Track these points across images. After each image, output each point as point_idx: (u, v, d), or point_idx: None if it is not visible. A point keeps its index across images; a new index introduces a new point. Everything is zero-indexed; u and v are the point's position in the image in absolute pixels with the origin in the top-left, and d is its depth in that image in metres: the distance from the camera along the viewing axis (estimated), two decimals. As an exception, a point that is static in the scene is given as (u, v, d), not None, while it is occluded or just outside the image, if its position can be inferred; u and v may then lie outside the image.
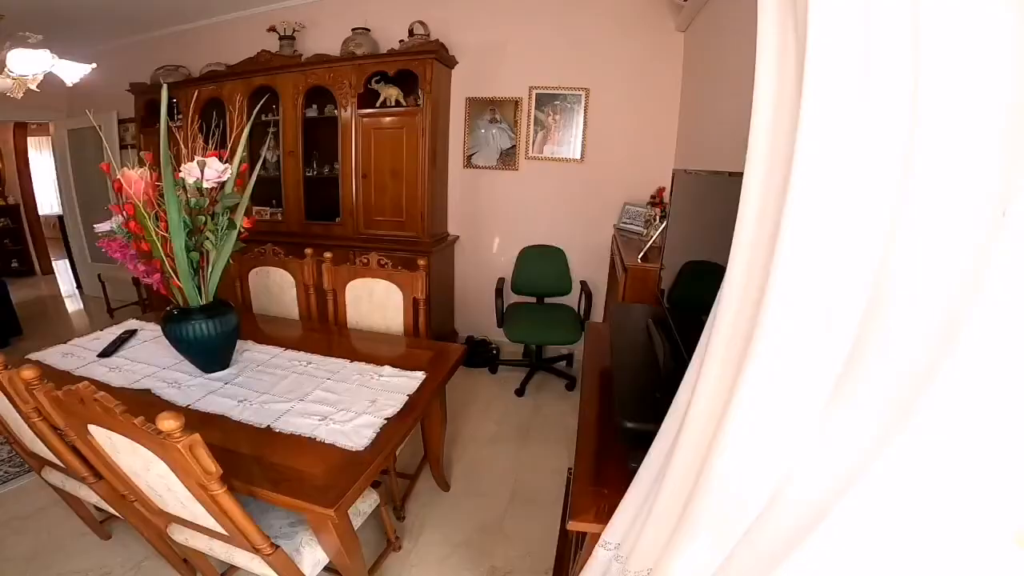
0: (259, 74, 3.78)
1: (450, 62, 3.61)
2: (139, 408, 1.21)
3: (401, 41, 3.53)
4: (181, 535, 1.61)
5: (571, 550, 1.73)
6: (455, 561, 2.08)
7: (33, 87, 2.26)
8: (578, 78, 3.47)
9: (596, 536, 1.08)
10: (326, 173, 3.91)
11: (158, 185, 1.55)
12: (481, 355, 3.71)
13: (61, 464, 1.67)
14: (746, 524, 0.76)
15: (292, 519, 1.61)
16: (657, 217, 2.80)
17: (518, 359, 3.75)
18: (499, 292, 3.39)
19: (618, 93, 3.42)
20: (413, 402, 1.79)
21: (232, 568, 1.85)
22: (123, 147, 4.97)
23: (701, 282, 1.31)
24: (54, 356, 2.07)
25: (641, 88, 3.36)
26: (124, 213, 1.57)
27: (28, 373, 1.34)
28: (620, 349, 1.54)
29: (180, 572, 1.90)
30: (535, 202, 3.77)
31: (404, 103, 3.47)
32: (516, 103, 3.63)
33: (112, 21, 4.19)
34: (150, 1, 3.82)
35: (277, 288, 2.67)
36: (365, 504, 1.73)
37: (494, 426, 3.04)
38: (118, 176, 1.52)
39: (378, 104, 3.51)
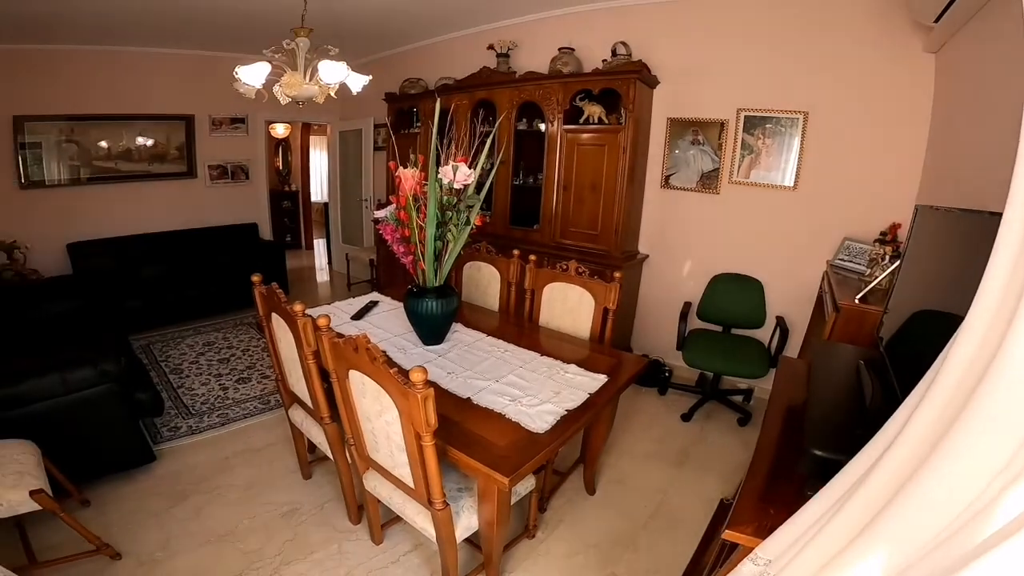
0: (481, 88, 4.29)
1: (652, 82, 3.66)
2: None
3: (604, 60, 3.69)
4: (371, 482, 1.95)
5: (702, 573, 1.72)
6: (580, 560, 2.16)
7: (332, 94, 2.56)
8: (795, 100, 3.24)
9: (747, 551, 1.11)
10: (530, 183, 4.27)
11: (423, 183, 1.94)
12: (653, 375, 3.69)
13: (310, 404, 2.14)
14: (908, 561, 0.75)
15: (460, 485, 1.86)
16: (887, 256, 2.49)
17: (690, 385, 3.66)
18: (684, 316, 3.35)
19: (845, 118, 3.10)
20: (592, 401, 1.93)
21: (393, 519, 2.19)
22: (376, 149, 6.05)
23: (936, 335, 1.23)
24: (317, 312, 2.57)
25: (875, 113, 3.00)
26: (398, 203, 1.99)
27: (324, 321, 1.76)
28: (820, 384, 1.51)
29: (351, 516, 2.31)
30: (735, 229, 3.61)
31: (607, 121, 3.63)
32: (722, 125, 3.52)
33: (368, 39, 5.11)
34: (400, 21, 4.53)
35: (485, 281, 3.05)
36: (523, 486, 1.91)
37: (652, 444, 3.03)
38: (398, 173, 1.93)
39: (581, 120, 3.72)
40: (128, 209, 5.28)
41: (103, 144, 5.05)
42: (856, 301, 2.27)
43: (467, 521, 1.76)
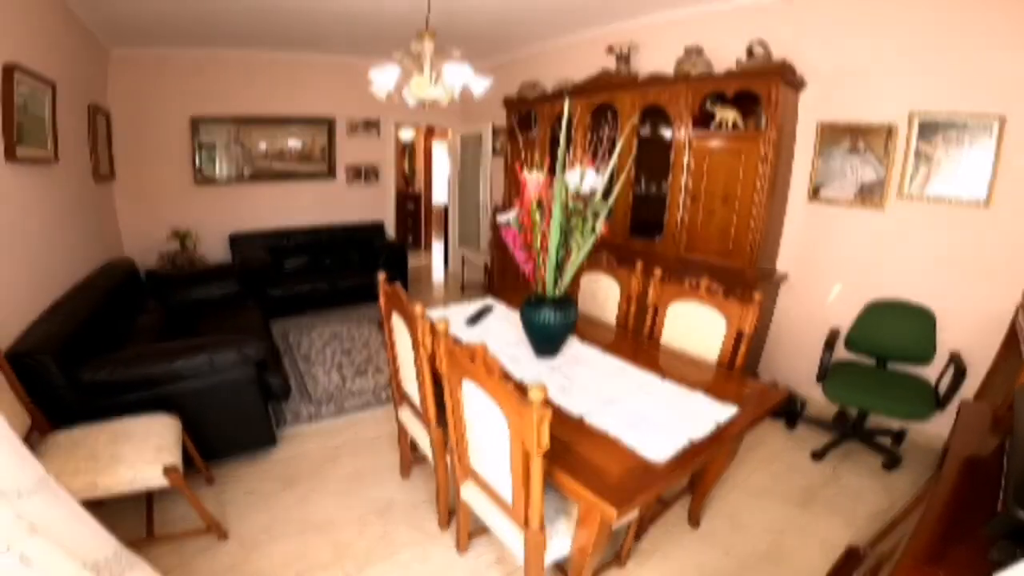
0: (600, 92, 4.13)
1: (797, 84, 3.27)
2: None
3: (738, 61, 3.36)
4: (468, 491, 1.89)
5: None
6: (670, 596, 1.97)
7: (455, 96, 2.56)
8: (987, 102, 2.70)
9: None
10: (653, 192, 4.03)
11: (549, 188, 1.86)
12: (783, 405, 3.29)
13: (418, 405, 2.14)
14: None
15: (557, 506, 1.73)
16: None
17: (826, 420, 3.23)
18: (829, 345, 2.94)
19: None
20: (720, 433, 1.72)
21: (479, 530, 2.12)
22: (494, 153, 6.14)
23: None
24: (434, 315, 2.56)
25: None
26: (522, 207, 1.93)
27: (442, 326, 1.73)
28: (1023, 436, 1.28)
29: (440, 522, 2.28)
30: (902, 250, 3.10)
31: (742, 126, 3.31)
32: (889, 130, 3.03)
33: (485, 43, 5.17)
34: (516, 24, 4.54)
35: (603, 294, 2.90)
36: (626, 516, 1.75)
37: (769, 480, 2.74)
38: (523, 176, 1.87)
39: (713, 126, 3.42)
40: (279, 205, 5.90)
41: (262, 145, 5.70)
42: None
43: (559, 545, 1.66)
